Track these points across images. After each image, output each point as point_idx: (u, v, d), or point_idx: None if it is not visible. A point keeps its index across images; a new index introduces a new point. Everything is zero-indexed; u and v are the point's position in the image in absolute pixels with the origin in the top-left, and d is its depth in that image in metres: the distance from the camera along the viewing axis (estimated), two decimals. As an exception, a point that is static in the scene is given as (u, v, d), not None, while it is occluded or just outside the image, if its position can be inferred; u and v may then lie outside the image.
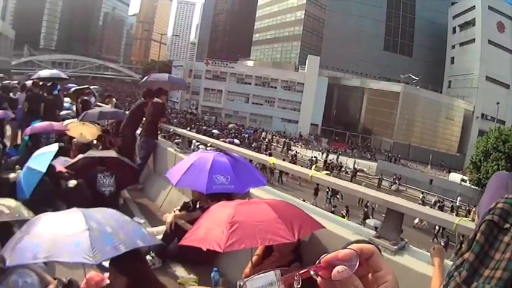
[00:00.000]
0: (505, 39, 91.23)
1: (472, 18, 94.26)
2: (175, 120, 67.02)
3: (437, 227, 31.76)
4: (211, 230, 4.40)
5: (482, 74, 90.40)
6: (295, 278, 0.95)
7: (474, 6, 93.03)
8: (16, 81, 24.31)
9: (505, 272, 1.44)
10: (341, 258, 0.94)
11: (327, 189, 35.72)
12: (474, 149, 61.64)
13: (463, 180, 59.76)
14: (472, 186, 55.51)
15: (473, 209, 41.26)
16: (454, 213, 36.41)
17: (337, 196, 37.38)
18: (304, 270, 0.96)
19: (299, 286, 0.96)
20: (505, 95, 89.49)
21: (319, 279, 0.95)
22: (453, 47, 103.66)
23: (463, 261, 1.56)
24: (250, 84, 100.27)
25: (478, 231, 1.55)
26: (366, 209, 34.00)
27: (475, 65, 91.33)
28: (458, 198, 49.16)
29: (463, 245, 1.67)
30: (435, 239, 31.65)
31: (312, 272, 0.95)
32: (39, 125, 11.63)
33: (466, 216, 23.92)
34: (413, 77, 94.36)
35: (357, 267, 0.93)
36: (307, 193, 36.10)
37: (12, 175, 8.20)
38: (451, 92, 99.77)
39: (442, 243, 28.69)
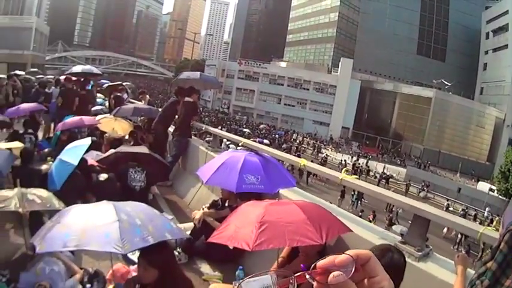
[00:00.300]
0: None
1: (505, 24, 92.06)
2: (206, 119, 67.25)
3: (459, 236, 31.33)
4: (240, 229, 4.39)
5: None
6: (291, 281, 0.96)
7: (507, 11, 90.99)
8: (52, 76, 24.66)
9: None
10: (337, 263, 0.94)
11: (352, 192, 36.10)
12: (504, 159, 60.69)
13: (491, 189, 58.38)
14: (500, 197, 54.83)
15: (496, 218, 41.02)
16: (477, 222, 35.96)
17: (363, 199, 37.40)
18: (299, 274, 0.98)
19: None
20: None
21: (315, 283, 0.96)
22: (486, 52, 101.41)
23: (485, 270, 1.56)
24: (282, 85, 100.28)
25: (502, 241, 1.55)
26: (390, 214, 33.91)
27: (507, 72, 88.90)
28: (487, 208, 48.12)
29: (483, 254, 1.68)
30: (458, 248, 31.49)
31: (307, 276, 0.96)
32: (70, 120, 11.87)
33: (489, 225, 23.68)
34: (446, 83, 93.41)
35: (352, 272, 0.94)
36: (333, 195, 36.21)
37: (44, 167, 8.43)
38: (483, 99, 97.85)
39: (463, 252, 28.59)
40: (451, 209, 44.43)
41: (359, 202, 37.58)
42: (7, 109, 14.69)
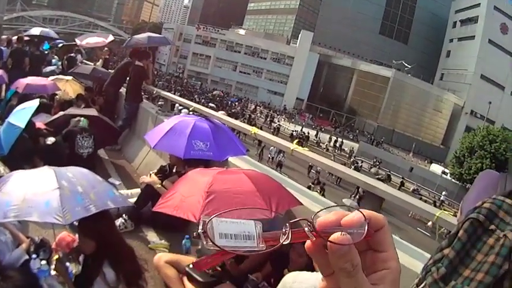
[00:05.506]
0: (506, 41, 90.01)
1: (475, 15, 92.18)
2: (159, 83, 66.57)
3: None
4: (186, 198, 4.34)
5: (477, 71, 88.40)
6: (284, 232, 0.71)
7: (479, 4, 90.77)
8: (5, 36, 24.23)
9: (487, 276, 1.40)
10: (344, 224, 0.70)
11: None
12: (459, 144, 62.12)
13: (444, 172, 60.63)
14: (453, 180, 56.81)
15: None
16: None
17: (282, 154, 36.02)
18: (293, 223, 0.72)
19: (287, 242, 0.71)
20: (498, 96, 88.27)
21: (308, 244, 0.72)
22: (451, 40, 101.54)
23: (442, 256, 1.51)
24: (239, 52, 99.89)
25: (460, 228, 1.51)
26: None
27: (471, 62, 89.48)
28: (443, 192, 49.11)
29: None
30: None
31: (306, 229, 0.71)
32: (34, 83, 11.65)
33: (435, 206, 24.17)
34: (406, 65, 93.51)
35: (363, 236, 0.70)
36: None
37: (-8, 130, 8.23)
38: (442, 84, 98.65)
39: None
40: (404, 188, 44.97)
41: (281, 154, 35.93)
42: None
